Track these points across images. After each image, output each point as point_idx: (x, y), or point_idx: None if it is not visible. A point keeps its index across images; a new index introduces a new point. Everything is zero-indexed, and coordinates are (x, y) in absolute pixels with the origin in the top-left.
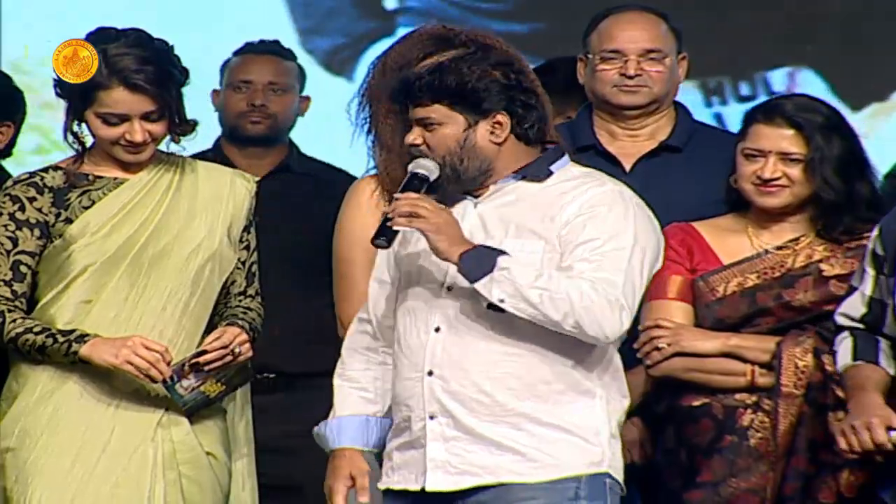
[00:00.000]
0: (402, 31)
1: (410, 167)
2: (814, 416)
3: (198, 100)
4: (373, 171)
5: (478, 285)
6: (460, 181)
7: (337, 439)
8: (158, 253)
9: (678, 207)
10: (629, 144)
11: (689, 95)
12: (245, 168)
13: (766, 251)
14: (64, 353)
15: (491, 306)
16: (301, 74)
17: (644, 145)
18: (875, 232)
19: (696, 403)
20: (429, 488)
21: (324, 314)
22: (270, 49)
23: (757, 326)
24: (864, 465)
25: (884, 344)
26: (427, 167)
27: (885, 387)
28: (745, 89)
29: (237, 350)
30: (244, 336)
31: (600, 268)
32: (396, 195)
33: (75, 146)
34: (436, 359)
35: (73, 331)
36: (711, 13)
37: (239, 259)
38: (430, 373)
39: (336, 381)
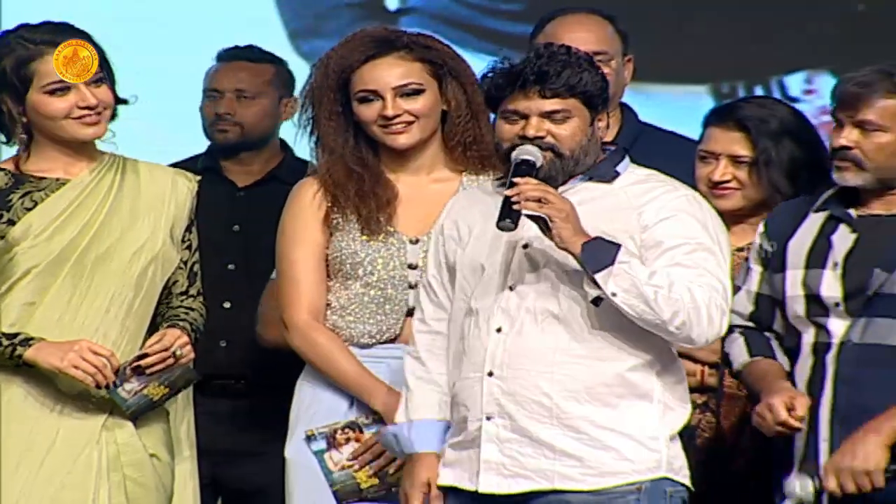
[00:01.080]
0: None
1: (516, 154)
2: None
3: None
4: (315, 173)
5: (598, 276)
6: (571, 175)
7: (420, 443)
8: (102, 255)
9: None
10: None
11: (700, 100)
12: (235, 175)
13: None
14: (8, 357)
15: (594, 300)
16: (281, 76)
17: None
18: (760, 228)
19: None
20: (482, 490)
21: None
22: (238, 55)
23: None
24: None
25: (774, 341)
26: (534, 153)
27: (787, 379)
28: (760, 94)
29: (178, 352)
30: (185, 338)
31: (700, 273)
32: (514, 179)
33: (24, 138)
34: (496, 360)
35: (17, 334)
36: (724, 15)
37: (181, 259)
38: (491, 373)
39: (413, 381)
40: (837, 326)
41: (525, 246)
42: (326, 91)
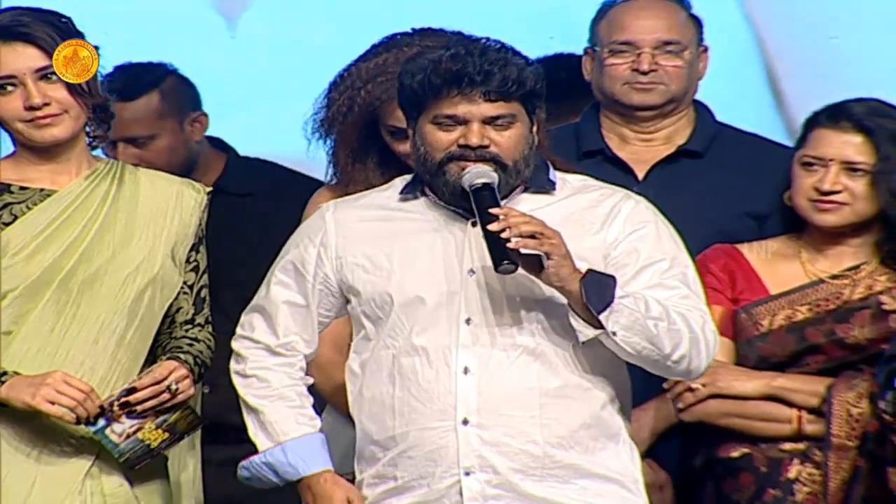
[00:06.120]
0: None
1: (470, 177)
2: (869, 471)
3: None
4: (331, 182)
5: (602, 317)
6: (507, 189)
7: (308, 465)
8: (90, 277)
9: (697, 221)
10: (642, 149)
11: None
12: None
13: (821, 280)
14: None
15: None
16: (171, 97)
17: (659, 150)
18: None
19: (734, 454)
20: None
21: None
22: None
23: (805, 366)
24: None
25: None
26: (488, 174)
27: None
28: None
29: (174, 386)
30: (182, 371)
31: (684, 294)
32: (496, 210)
33: None
34: (471, 405)
35: None
36: None
37: (185, 282)
38: (466, 421)
39: (258, 401)
40: None
41: (471, 272)
42: (351, 128)
